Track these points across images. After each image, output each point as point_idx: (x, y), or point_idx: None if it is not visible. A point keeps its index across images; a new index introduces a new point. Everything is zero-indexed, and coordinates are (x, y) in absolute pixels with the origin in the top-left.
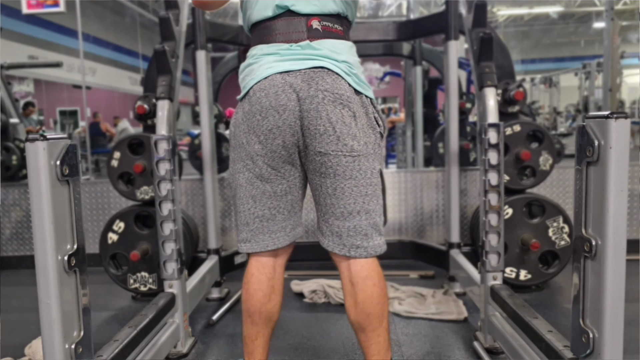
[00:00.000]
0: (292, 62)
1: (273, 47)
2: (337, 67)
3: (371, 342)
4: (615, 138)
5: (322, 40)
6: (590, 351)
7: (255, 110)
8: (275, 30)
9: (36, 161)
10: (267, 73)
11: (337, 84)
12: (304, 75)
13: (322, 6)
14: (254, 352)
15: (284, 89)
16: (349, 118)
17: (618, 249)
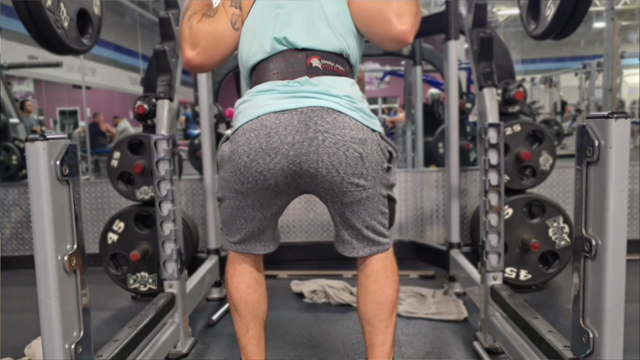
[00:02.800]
0: (288, 100)
1: (269, 84)
2: (338, 105)
3: (378, 332)
4: (615, 138)
5: (322, 77)
6: (590, 351)
7: (242, 151)
8: (272, 70)
9: (36, 161)
10: (260, 112)
11: (339, 123)
12: (300, 115)
13: (323, 42)
14: (247, 346)
15: (277, 131)
16: (355, 159)
17: (618, 249)
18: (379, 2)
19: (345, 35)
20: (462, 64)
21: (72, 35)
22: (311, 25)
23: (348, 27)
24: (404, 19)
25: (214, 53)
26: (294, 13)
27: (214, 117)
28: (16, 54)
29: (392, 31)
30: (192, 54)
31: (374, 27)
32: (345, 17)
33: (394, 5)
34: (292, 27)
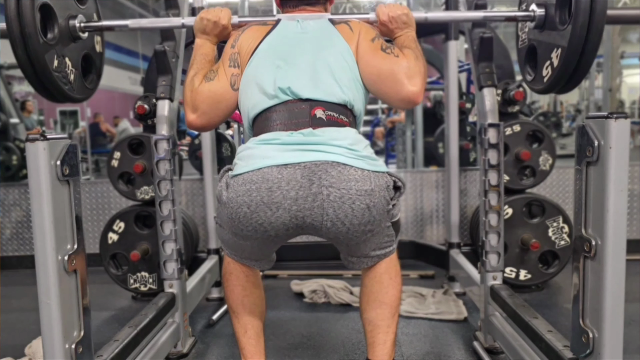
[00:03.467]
0: (291, 153)
1: (273, 134)
2: (342, 156)
3: (380, 330)
4: (615, 138)
5: (326, 128)
6: (590, 351)
7: (242, 201)
8: (276, 120)
9: (36, 161)
10: (262, 164)
11: (344, 176)
12: (304, 170)
13: (327, 94)
14: (246, 346)
15: (280, 185)
16: (361, 211)
17: (618, 249)
18: (390, 62)
19: (349, 87)
20: (463, 65)
21: (77, 85)
22: (315, 76)
23: (353, 78)
24: (415, 81)
25: (215, 115)
26: (297, 64)
27: None
28: None
29: (402, 92)
30: (193, 117)
31: (385, 86)
32: (351, 69)
33: (404, 66)
34: (296, 78)
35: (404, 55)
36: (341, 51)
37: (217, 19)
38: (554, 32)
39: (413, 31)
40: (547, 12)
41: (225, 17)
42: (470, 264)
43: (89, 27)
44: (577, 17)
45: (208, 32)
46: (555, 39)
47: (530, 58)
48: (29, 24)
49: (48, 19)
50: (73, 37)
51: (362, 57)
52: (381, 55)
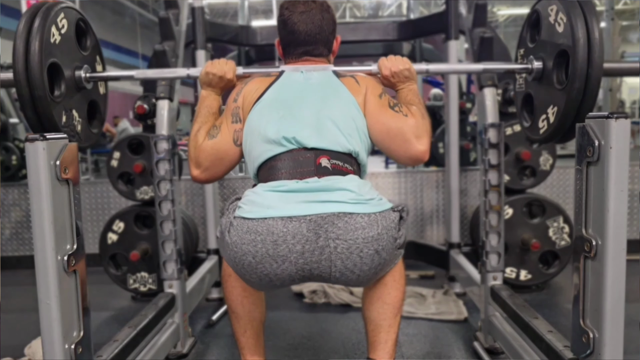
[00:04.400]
0: (297, 205)
1: (278, 182)
2: (348, 205)
3: (381, 330)
4: (615, 138)
5: (331, 177)
6: (590, 351)
7: (247, 250)
8: (281, 169)
9: (36, 161)
10: (267, 214)
11: (350, 227)
12: (309, 224)
13: (332, 143)
14: (246, 346)
15: (285, 239)
16: (370, 257)
17: (618, 249)
18: (398, 121)
19: (354, 137)
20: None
21: (84, 134)
22: (320, 126)
23: (357, 129)
24: (423, 140)
25: (218, 170)
26: (302, 113)
27: None
28: None
29: (411, 151)
30: (196, 172)
31: (393, 144)
32: (355, 120)
33: (412, 126)
34: (300, 127)
35: (412, 114)
36: (346, 102)
37: (222, 73)
38: (550, 88)
39: (415, 84)
40: (544, 66)
41: (230, 71)
42: (470, 264)
43: (95, 77)
44: (574, 81)
45: (213, 85)
46: (552, 95)
47: (527, 104)
48: (39, 86)
49: (55, 76)
50: (79, 88)
51: (371, 113)
52: (390, 113)
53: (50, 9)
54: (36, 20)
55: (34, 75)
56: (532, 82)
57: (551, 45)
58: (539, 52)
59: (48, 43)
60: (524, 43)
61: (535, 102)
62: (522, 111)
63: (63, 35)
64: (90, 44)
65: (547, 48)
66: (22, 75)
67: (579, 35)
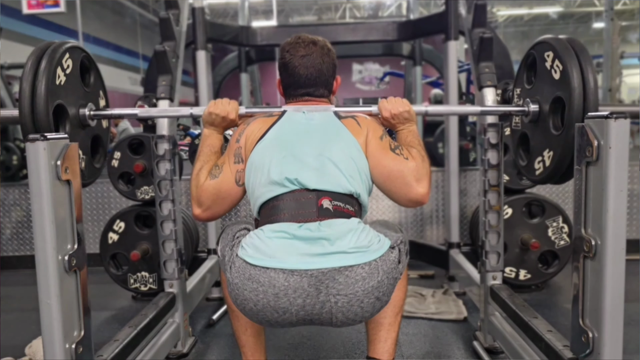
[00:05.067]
0: (299, 258)
1: (281, 226)
2: (349, 255)
3: (382, 328)
4: (614, 138)
5: (333, 220)
6: (589, 351)
7: (248, 296)
8: (283, 210)
9: (36, 161)
10: (269, 264)
11: (351, 280)
12: (310, 279)
13: (334, 184)
14: (247, 344)
15: (286, 293)
16: (371, 304)
17: (618, 249)
18: (400, 164)
19: (355, 178)
20: (463, 65)
21: (88, 171)
22: (322, 167)
23: (358, 170)
24: (423, 183)
25: (219, 209)
26: (304, 154)
27: None
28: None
29: (411, 194)
30: (198, 211)
31: (394, 186)
32: (356, 161)
33: (413, 169)
34: (302, 169)
35: (413, 157)
36: (347, 144)
37: (225, 114)
38: (546, 132)
39: (414, 125)
40: (541, 109)
41: (233, 111)
42: (470, 264)
43: (98, 115)
44: (570, 129)
45: (216, 124)
46: (548, 139)
47: (523, 142)
48: (44, 128)
49: (60, 116)
50: (83, 125)
51: (372, 155)
52: (391, 155)
53: (55, 51)
54: (42, 62)
55: (40, 117)
56: (528, 123)
57: (547, 90)
58: (535, 94)
59: (54, 85)
60: (521, 83)
61: (532, 142)
62: (518, 149)
63: (68, 75)
64: (93, 80)
65: (544, 92)
66: (28, 118)
67: (575, 85)
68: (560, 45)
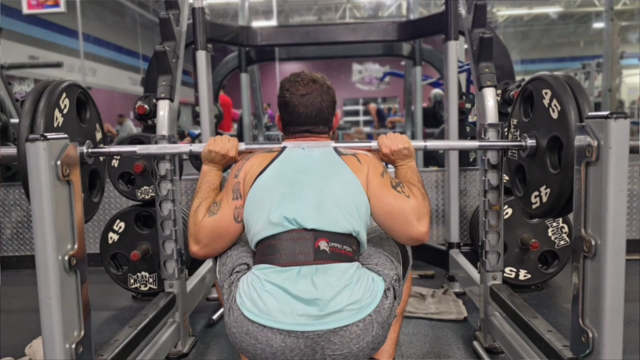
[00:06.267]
0: (296, 319)
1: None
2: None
3: None
4: (614, 138)
5: (329, 266)
6: (589, 351)
7: (246, 349)
8: (280, 251)
9: (37, 161)
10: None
11: (346, 340)
12: (307, 340)
13: (332, 224)
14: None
15: (283, 352)
16: (366, 355)
17: (617, 249)
18: (401, 202)
19: (353, 215)
20: (463, 65)
21: (87, 207)
22: (321, 206)
23: (357, 208)
24: (424, 222)
25: (217, 246)
26: (303, 192)
27: (214, 117)
28: (17, 54)
29: (412, 232)
30: (196, 248)
31: (395, 224)
32: (354, 200)
33: (414, 207)
34: (301, 207)
35: (414, 195)
36: (347, 182)
37: (225, 151)
38: (544, 169)
39: (413, 161)
40: (538, 145)
41: (233, 148)
42: (470, 264)
43: (96, 153)
44: (567, 171)
45: (216, 162)
46: (544, 176)
47: (519, 173)
48: None
49: None
50: (80, 163)
51: (373, 193)
52: (393, 193)
53: (53, 93)
54: (40, 103)
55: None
56: (525, 157)
57: (545, 127)
58: (532, 128)
59: (51, 127)
60: (518, 115)
61: (528, 175)
62: (514, 179)
63: (65, 115)
64: (89, 115)
65: (541, 128)
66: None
67: (574, 129)
68: (558, 85)
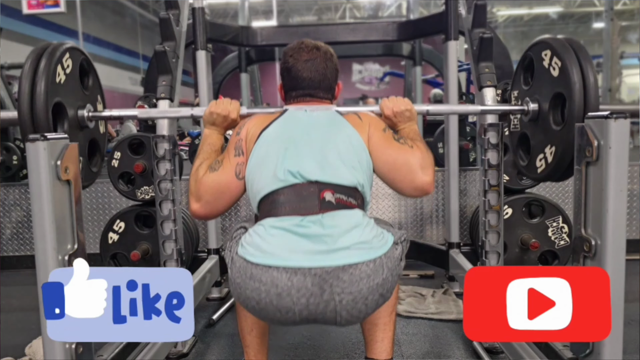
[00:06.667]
0: (302, 255)
1: (282, 222)
2: (353, 252)
3: (377, 329)
4: (614, 138)
5: (335, 212)
6: (589, 351)
7: (250, 295)
8: (284, 204)
9: (37, 161)
10: (271, 262)
11: (355, 278)
12: (314, 278)
13: (336, 176)
14: (251, 345)
15: (289, 292)
16: (375, 301)
17: (617, 249)
18: (405, 152)
19: (357, 170)
20: (463, 65)
21: (84, 173)
22: (324, 159)
23: (361, 162)
24: (428, 171)
25: (218, 204)
26: (306, 147)
27: None
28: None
29: (416, 182)
30: (196, 206)
31: (399, 174)
32: (358, 154)
33: (419, 157)
34: (304, 161)
35: (417, 147)
36: (349, 136)
37: (226, 113)
38: (547, 129)
39: (415, 124)
40: (540, 108)
41: (234, 110)
42: (470, 264)
43: (97, 116)
44: (572, 123)
45: (217, 124)
46: (549, 136)
47: (522, 143)
48: (43, 126)
49: (59, 115)
50: (81, 127)
51: (376, 146)
52: (396, 145)
53: (56, 49)
54: (42, 60)
55: (39, 115)
56: (527, 122)
57: (546, 88)
58: (534, 94)
59: (54, 83)
60: (518, 85)
61: (532, 141)
62: (517, 150)
63: (68, 75)
64: (92, 83)
65: (542, 90)
66: (27, 116)
67: (575, 80)
68: (557, 43)
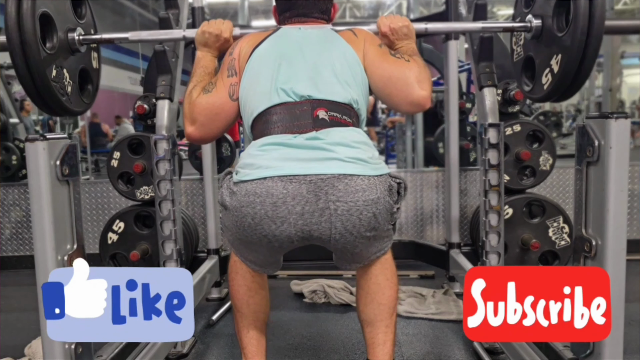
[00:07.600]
0: (296, 163)
1: (275, 138)
2: (348, 164)
3: (379, 331)
4: (615, 138)
5: (330, 129)
6: (590, 351)
7: (246, 212)
8: (277, 122)
9: (36, 161)
10: (265, 174)
11: (351, 188)
12: (309, 185)
13: (330, 93)
14: (248, 346)
15: (285, 200)
16: (368, 219)
17: (618, 249)
18: (401, 66)
19: (351, 85)
20: (463, 65)
21: (75, 98)
22: (318, 76)
23: (356, 79)
24: (425, 85)
25: (213, 127)
26: (299, 63)
27: None
28: None
29: (413, 95)
30: (191, 129)
31: (395, 88)
32: (353, 70)
33: (415, 70)
34: (297, 77)
35: (414, 61)
36: (344, 52)
37: (218, 32)
38: (551, 40)
39: (413, 42)
40: (543, 23)
41: (227, 30)
42: (470, 264)
43: (87, 40)
44: (577, 22)
45: (210, 45)
46: (554, 46)
47: (527, 69)
48: (29, 32)
49: (48, 30)
50: (72, 50)
51: (372, 61)
52: (392, 59)
53: None
54: None
55: (25, 19)
56: (530, 42)
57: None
58: (535, 12)
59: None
60: (520, 12)
61: (537, 61)
62: (522, 77)
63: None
64: (86, 15)
65: (544, 5)
66: (14, 20)
67: None
68: None
